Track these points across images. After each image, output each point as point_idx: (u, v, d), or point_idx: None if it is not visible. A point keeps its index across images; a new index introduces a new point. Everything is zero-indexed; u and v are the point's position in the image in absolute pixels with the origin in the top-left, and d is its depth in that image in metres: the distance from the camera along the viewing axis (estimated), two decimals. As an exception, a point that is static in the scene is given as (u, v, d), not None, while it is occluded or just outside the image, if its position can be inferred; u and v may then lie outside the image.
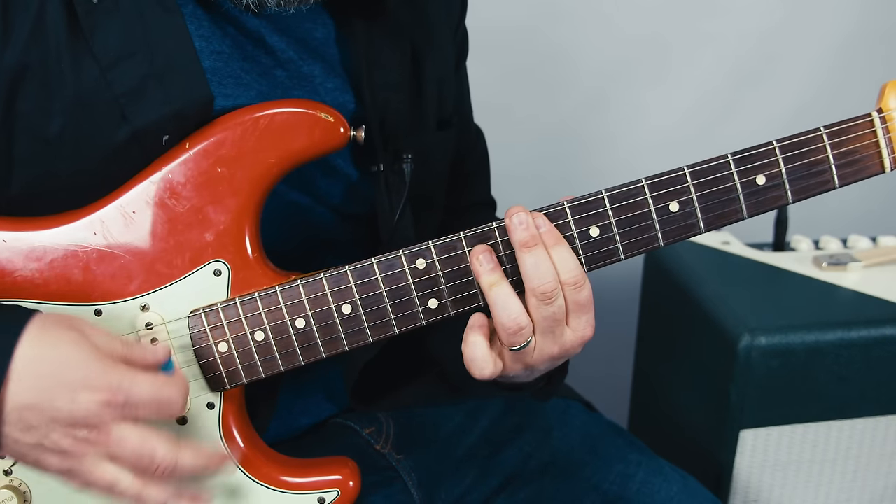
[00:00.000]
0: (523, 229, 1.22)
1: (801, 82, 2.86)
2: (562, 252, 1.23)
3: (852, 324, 1.98)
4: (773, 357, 1.93)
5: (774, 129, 2.72)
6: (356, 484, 1.33)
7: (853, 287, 2.13)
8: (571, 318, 1.25)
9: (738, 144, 1.26)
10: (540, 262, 1.22)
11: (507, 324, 1.22)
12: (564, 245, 1.24)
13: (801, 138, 1.24)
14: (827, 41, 2.83)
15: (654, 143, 2.83)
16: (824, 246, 2.32)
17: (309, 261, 1.38)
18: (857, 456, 2.06)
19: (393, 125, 1.45)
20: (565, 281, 1.22)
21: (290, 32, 1.40)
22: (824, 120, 1.26)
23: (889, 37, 2.86)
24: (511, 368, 1.28)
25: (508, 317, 1.22)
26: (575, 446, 1.58)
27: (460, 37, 1.67)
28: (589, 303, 1.25)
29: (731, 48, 2.80)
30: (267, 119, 1.26)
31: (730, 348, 1.95)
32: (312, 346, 1.27)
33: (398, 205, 1.44)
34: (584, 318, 1.26)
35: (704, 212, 1.25)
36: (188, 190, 1.26)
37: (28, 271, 1.24)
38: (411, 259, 1.25)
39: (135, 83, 1.26)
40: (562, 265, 1.22)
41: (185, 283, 1.26)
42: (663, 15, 2.73)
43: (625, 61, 2.77)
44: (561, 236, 1.24)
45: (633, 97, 2.82)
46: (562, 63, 2.72)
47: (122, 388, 1.10)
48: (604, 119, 2.82)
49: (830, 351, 1.95)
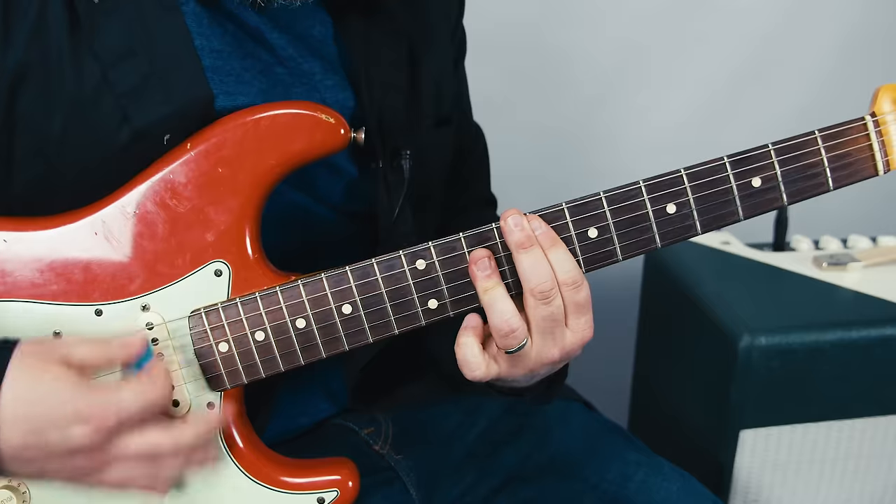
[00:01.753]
0: (519, 230, 1.22)
1: (800, 84, 2.86)
2: (559, 253, 1.23)
3: (852, 324, 1.99)
4: (773, 357, 1.94)
5: (774, 130, 2.72)
6: (355, 484, 1.33)
7: (853, 287, 2.13)
8: (570, 318, 1.26)
9: (739, 146, 1.27)
10: (537, 262, 1.22)
11: (499, 325, 1.23)
12: (562, 246, 1.24)
13: (795, 141, 1.25)
14: (826, 43, 2.84)
15: (655, 144, 2.83)
16: (824, 246, 2.32)
17: (308, 260, 1.38)
18: (857, 456, 2.07)
19: (391, 122, 1.46)
20: (563, 281, 1.23)
21: (290, 30, 1.41)
22: (824, 122, 1.27)
23: (889, 38, 2.86)
24: (510, 373, 1.28)
25: (501, 318, 1.22)
26: (574, 446, 1.58)
27: (458, 36, 1.68)
28: (587, 303, 1.26)
29: (731, 50, 2.80)
30: (268, 120, 1.26)
31: (730, 348, 1.96)
32: (313, 346, 1.28)
33: (397, 202, 1.45)
34: (583, 318, 1.26)
35: (701, 213, 1.25)
36: (189, 190, 1.26)
37: (29, 271, 1.25)
38: (411, 259, 1.25)
39: (136, 83, 1.26)
40: (559, 266, 1.23)
41: (186, 283, 1.27)
42: (663, 16, 2.73)
43: (625, 63, 2.77)
44: (558, 238, 1.24)
45: (633, 98, 2.82)
46: (562, 64, 2.73)
47: (111, 410, 1.10)
48: (604, 120, 2.83)
49: (830, 351, 1.96)
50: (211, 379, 1.29)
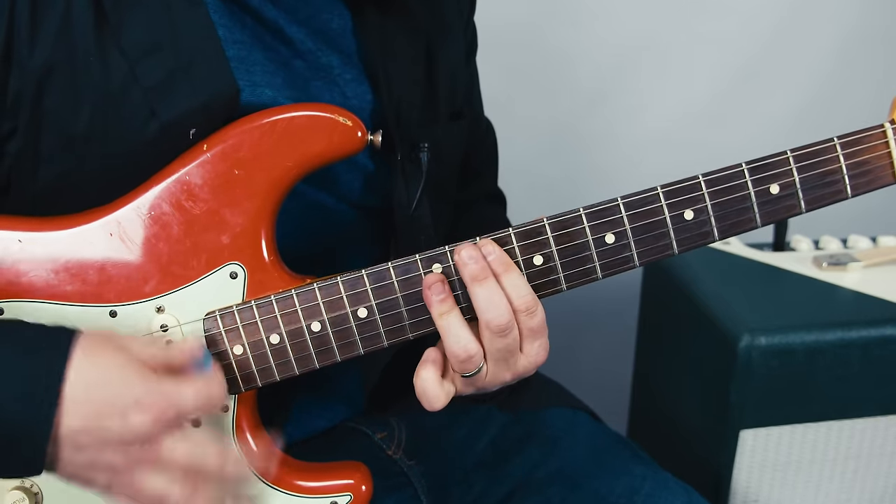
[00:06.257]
0: (473, 263, 1.22)
1: (802, 80, 2.86)
2: (513, 278, 1.23)
3: (852, 324, 1.98)
4: (773, 357, 1.94)
5: (777, 126, 2.75)
6: (368, 488, 1.33)
7: (853, 287, 2.13)
8: (525, 343, 1.26)
9: (740, 142, 1.27)
10: (492, 295, 1.22)
11: (457, 352, 1.23)
12: (515, 271, 1.24)
13: (814, 148, 1.25)
14: (829, 37, 2.84)
15: (656, 140, 2.84)
16: (824, 246, 2.33)
17: (323, 259, 1.38)
18: (857, 456, 2.07)
19: (409, 116, 1.45)
20: (518, 307, 1.23)
21: (308, 23, 1.40)
22: (826, 118, 1.27)
23: (889, 38, 2.87)
24: (463, 391, 1.29)
25: (457, 344, 1.23)
26: (581, 457, 1.59)
27: (470, 32, 1.68)
28: (542, 328, 1.26)
29: (732, 47, 2.80)
30: (285, 122, 1.26)
31: (730, 348, 1.95)
32: (328, 349, 1.27)
33: (415, 194, 1.44)
34: (537, 342, 1.26)
35: (719, 220, 1.25)
36: (205, 192, 1.25)
37: (43, 272, 1.24)
38: (427, 264, 1.25)
39: (163, 77, 1.25)
40: (514, 292, 1.23)
41: (201, 285, 1.26)
42: (666, 13, 2.74)
43: (626, 59, 2.78)
44: (511, 262, 1.24)
45: (634, 95, 2.82)
46: (564, 61, 2.73)
47: (172, 402, 1.11)
48: (606, 116, 2.83)
49: (830, 351, 1.96)
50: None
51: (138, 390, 1.10)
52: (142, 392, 1.10)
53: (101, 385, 1.09)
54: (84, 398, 1.08)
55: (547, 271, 1.26)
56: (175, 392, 1.12)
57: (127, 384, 1.10)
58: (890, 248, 2.27)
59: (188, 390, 1.13)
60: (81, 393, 1.08)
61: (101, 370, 1.10)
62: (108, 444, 1.09)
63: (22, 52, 1.20)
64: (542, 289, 1.26)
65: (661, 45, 2.77)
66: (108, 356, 1.11)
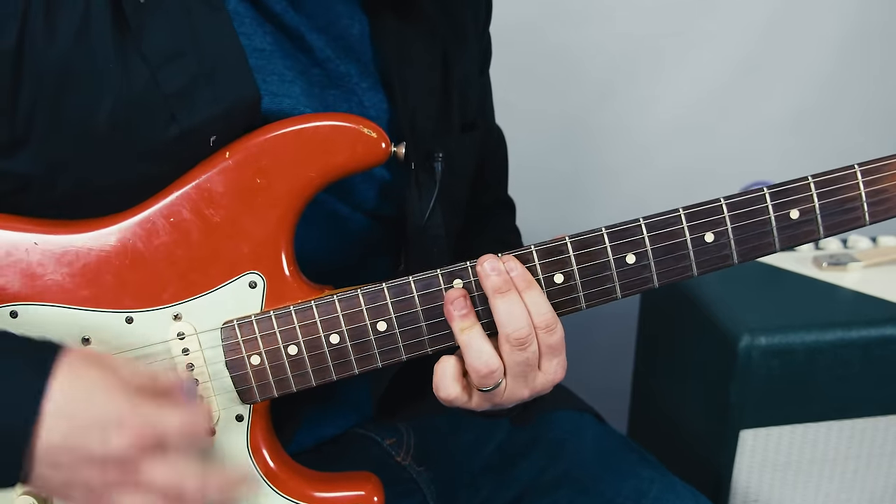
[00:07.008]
0: (496, 275, 1.22)
1: (805, 75, 2.85)
2: (534, 296, 1.23)
3: (852, 324, 1.99)
4: (773, 357, 1.94)
5: (779, 123, 2.74)
6: (380, 500, 1.33)
7: (853, 287, 2.14)
8: (543, 360, 1.26)
9: (743, 140, 1.26)
10: (513, 307, 1.22)
11: (478, 367, 1.23)
12: (536, 288, 1.24)
13: (835, 175, 1.24)
14: (830, 31, 2.84)
15: (666, 133, 2.84)
16: (824, 246, 2.33)
17: (334, 268, 1.37)
18: (857, 456, 2.08)
19: (424, 125, 1.44)
20: (538, 324, 1.23)
21: (329, 30, 1.39)
22: (828, 112, 1.27)
23: (887, 37, 2.87)
24: (479, 406, 1.29)
25: (479, 359, 1.23)
26: (588, 460, 1.59)
27: (485, 43, 1.67)
28: (561, 345, 1.26)
29: (736, 42, 2.80)
30: (309, 132, 1.24)
31: (730, 348, 1.96)
32: (346, 362, 1.27)
33: (428, 203, 1.44)
34: (555, 360, 1.26)
35: (739, 243, 1.25)
36: (226, 200, 1.24)
37: (59, 275, 1.23)
38: (448, 279, 1.25)
39: (184, 83, 1.23)
40: (534, 308, 1.23)
41: (220, 293, 1.26)
42: (675, 7, 2.74)
43: (636, 53, 2.78)
44: (533, 279, 1.24)
45: (644, 88, 2.82)
46: (574, 55, 2.73)
47: (152, 425, 1.09)
48: (616, 110, 2.83)
49: (830, 351, 1.97)
50: (241, 391, 1.28)
51: (120, 409, 1.08)
52: (124, 413, 1.08)
53: (83, 403, 1.07)
54: (66, 414, 1.06)
55: (567, 290, 1.26)
56: (157, 416, 1.09)
57: (110, 404, 1.08)
58: (890, 248, 2.28)
59: (172, 416, 1.10)
60: (63, 409, 1.06)
61: (85, 388, 1.08)
62: (86, 462, 1.07)
63: (36, 55, 1.18)
64: (562, 307, 1.26)
65: (669, 39, 2.76)
66: (93, 375, 1.10)
